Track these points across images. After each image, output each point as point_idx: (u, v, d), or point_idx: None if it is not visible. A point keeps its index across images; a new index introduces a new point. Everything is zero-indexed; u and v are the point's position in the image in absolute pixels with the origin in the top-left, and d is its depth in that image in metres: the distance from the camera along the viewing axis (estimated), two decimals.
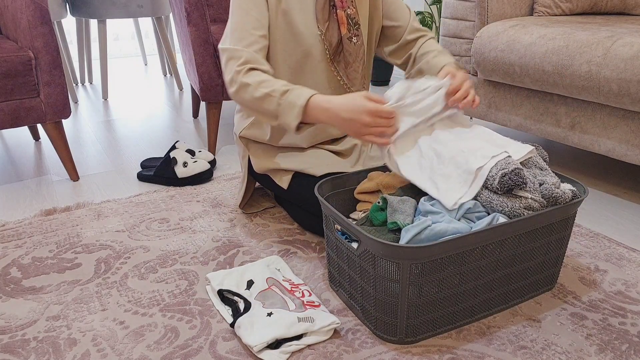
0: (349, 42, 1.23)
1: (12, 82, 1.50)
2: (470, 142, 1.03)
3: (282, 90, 1.07)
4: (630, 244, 1.28)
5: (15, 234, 1.35)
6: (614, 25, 1.57)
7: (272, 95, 1.07)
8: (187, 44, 1.85)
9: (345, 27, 1.22)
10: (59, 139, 1.67)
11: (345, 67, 1.26)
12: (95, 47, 3.76)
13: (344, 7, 1.21)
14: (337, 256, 1.02)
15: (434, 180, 1.00)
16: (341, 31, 1.22)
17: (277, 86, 1.08)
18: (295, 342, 0.91)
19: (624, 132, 1.42)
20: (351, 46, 1.24)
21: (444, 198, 0.97)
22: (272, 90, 1.07)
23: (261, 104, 1.09)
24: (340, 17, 1.21)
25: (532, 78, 1.58)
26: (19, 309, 1.05)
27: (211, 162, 1.77)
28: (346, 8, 1.22)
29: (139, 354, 0.92)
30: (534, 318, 1.01)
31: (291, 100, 1.06)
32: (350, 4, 1.22)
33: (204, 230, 1.36)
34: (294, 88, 1.07)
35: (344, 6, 1.21)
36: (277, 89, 1.07)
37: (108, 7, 2.64)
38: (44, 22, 1.53)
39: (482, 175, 0.96)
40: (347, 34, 1.23)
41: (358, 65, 1.26)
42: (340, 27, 1.22)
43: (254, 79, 1.09)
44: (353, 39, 1.24)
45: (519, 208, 0.94)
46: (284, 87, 1.08)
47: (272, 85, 1.08)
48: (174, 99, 2.86)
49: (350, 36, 1.23)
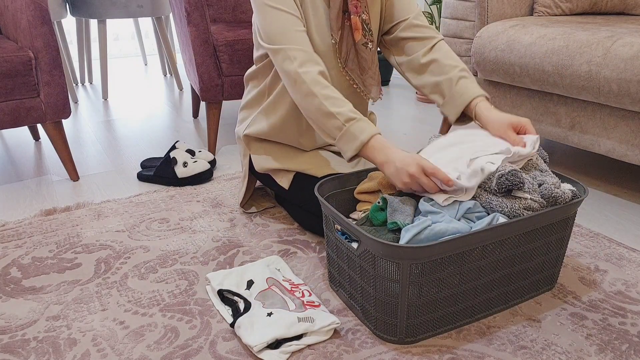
0: (364, 49, 1.21)
1: (12, 82, 1.50)
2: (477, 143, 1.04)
3: (348, 116, 1.05)
4: (630, 244, 1.28)
5: (15, 234, 1.35)
6: (614, 25, 1.57)
7: (337, 118, 1.06)
8: (187, 44, 1.85)
9: (360, 32, 1.20)
10: (59, 139, 1.67)
11: (361, 74, 1.24)
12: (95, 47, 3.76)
13: (358, 13, 1.19)
14: (337, 256, 1.02)
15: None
16: (355, 37, 1.20)
17: (344, 109, 1.06)
18: (295, 342, 0.91)
19: (624, 132, 1.42)
20: (367, 52, 1.22)
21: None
22: (338, 112, 1.06)
23: (323, 121, 1.08)
24: (355, 23, 1.19)
25: (532, 78, 1.58)
26: (19, 309, 1.05)
27: (211, 162, 1.77)
28: (360, 13, 1.19)
29: (139, 354, 0.92)
30: (534, 318, 1.01)
31: (354, 131, 1.05)
32: (364, 9, 1.19)
33: (204, 230, 1.36)
34: (359, 118, 1.06)
35: (358, 12, 1.18)
36: (343, 113, 1.05)
37: (108, 7, 2.64)
38: (44, 22, 1.53)
39: (476, 169, 0.96)
40: (362, 40, 1.21)
41: (374, 71, 1.25)
42: (355, 33, 1.20)
43: (320, 90, 1.07)
44: (369, 44, 1.22)
45: (518, 209, 0.94)
46: (350, 113, 1.06)
47: (339, 105, 1.06)
48: (174, 99, 2.86)
49: (365, 42, 1.21)
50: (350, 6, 1.18)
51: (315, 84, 1.08)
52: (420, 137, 2.15)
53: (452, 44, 1.90)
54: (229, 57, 1.80)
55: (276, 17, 1.11)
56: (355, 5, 1.18)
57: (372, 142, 1.04)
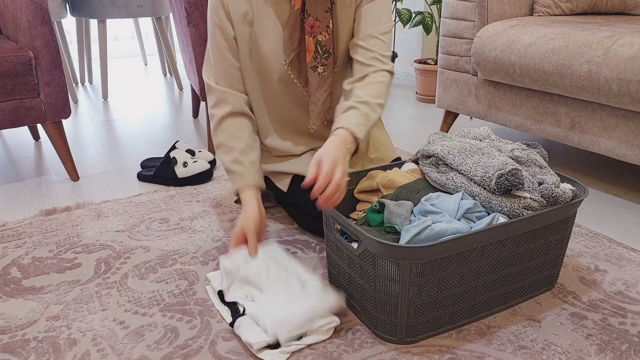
0: (312, 72, 1.16)
1: (12, 82, 1.50)
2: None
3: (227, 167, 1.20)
4: (630, 244, 1.28)
5: (15, 234, 1.35)
6: (614, 25, 1.57)
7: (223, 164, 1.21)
8: (187, 44, 1.85)
9: (311, 54, 1.14)
10: (59, 139, 1.67)
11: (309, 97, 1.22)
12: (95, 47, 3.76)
13: (313, 34, 1.12)
14: (337, 256, 1.02)
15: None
16: (307, 58, 1.15)
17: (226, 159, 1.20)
18: (295, 342, 0.91)
19: (624, 132, 1.42)
20: (313, 76, 1.17)
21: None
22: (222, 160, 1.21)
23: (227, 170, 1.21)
24: (308, 43, 1.13)
25: (532, 78, 1.58)
26: (19, 309, 1.05)
27: (211, 162, 1.77)
28: (317, 34, 1.12)
29: (139, 354, 0.92)
30: (534, 318, 1.01)
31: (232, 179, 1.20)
32: (324, 29, 1.12)
33: (204, 230, 1.36)
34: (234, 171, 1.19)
35: (313, 32, 1.11)
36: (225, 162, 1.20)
37: (108, 7, 2.64)
38: (44, 22, 1.53)
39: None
40: (311, 62, 1.15)
41: (321, 94, 1.18)
42: (307, 54, 1.15)
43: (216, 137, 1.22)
44: (319, 68, 1.16)
45: (517, 208, 0.94)
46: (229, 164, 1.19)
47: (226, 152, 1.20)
48: (174, 99, 2.86)
49: (315, 65, 1.15)
50: (305, 26, 1.12)
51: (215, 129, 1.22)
52: (420, 137, 2.15)
53: (452, 44, 1.90)
54: None
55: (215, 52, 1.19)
56: (312, 25, 1.11)
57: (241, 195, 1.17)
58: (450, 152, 1.04)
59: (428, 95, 2.73)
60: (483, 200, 0.97)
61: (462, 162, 1.02)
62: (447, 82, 1.97)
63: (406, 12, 2.76)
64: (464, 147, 1.04)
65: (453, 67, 1.93)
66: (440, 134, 1.14)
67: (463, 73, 1.89)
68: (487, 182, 0.96)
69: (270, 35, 1.16)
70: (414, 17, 2.75)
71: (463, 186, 1.01)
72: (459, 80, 1.92)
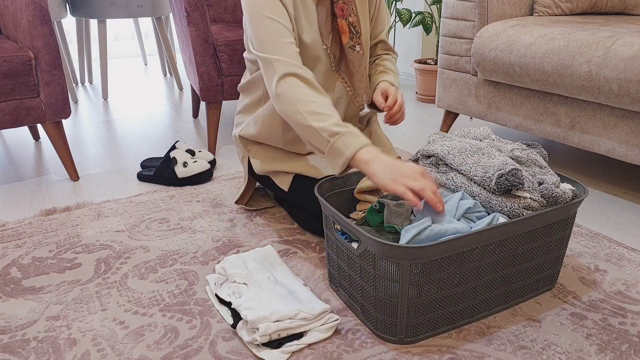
0: (351, 52, 1.22)
1: (12, 82, 1.50)
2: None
3: (332, 131, 1.02)
4: (630, 244, 1.28)
5: (15, 234, 1.35)
6: (614, 25, 1.57)
7: (321, 134, 1.03)
8: (187, 44, 1.85)
9: (347, 35, 1.20)
10: (59, 139, 1.67)
11: (350, 77, 1.25)
12: (95, 47, 3.76)
13: (344, 16, 1.19)
14: (337, 256, 1.02)
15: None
16: (343, 40, 1.20)
17: (327, 124, 1.03)
18: (296, 342, 0.92)
19: (624, 132, 1.42)
20: (354, 55, 1.22)
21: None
22: (321, 127, 1.03)
23: (309, 137, 1.06)
24: (342, 25, 1.19)
25: (532, 78, 1.58)
26: (19, 309, 1.05)
27: (211, 162, 1.77)
28: (347, 16, 1.19)
29: (139, 354, 0.92)
30: (534, 318, 1.01)
31: (339, 147, 1.01)
32: (351, 12, 1.19)
33: (204, 230, 1.36)
34: (344, 132, 1.02)
35: (344, 14, 1.18)
36: (327, 129, 1.02)
37: (108, 7, 2.64)
38: (44, 22, 1.53)
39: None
40: (349, 43, 1.21)
41: (362, 74, 1.25)
42: (342, 36, 1.20)
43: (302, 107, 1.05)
44: (356, 47, 1.22)
45: (517, 208, 0.94)
46: (334, 127, 1.02)
47: (322, 120, 1.03)
48: (174, 99, 2.86)
49: (352, 45, 1.21)
50: (336, 9, 1.18)
51: (298, 100, 1.05)
52: (420, 137, 2.15)
53: (452, 44, 1.90)
54: (229, 57, 1.80)
55: (268, 26, 1.10)
56: (342, 8, 1.18)
57: (358, 155, 1.00)
58: (450, 152, 1.04)
59: (428, 95, 2.73)
60: (483, 200, 0.97)
61: (462, 162, 1.02)
62: (447, 82, 1.97)
63: (406, 12, 2.75)
64: (464, 147, 1.04)
65: (453, 67, 1.93)
66: (440, 134, 1.14)
67: (463, 73, 1.90)
68: (487, 182, 0.96)
69: (307, 24, 1.19)
70: (414, 17, 2.74)
71: (463, 186, 1.01)
72: (459, 80, 1.92)
